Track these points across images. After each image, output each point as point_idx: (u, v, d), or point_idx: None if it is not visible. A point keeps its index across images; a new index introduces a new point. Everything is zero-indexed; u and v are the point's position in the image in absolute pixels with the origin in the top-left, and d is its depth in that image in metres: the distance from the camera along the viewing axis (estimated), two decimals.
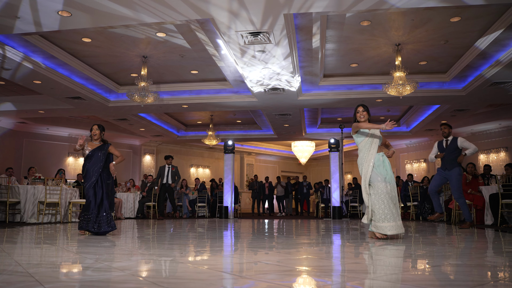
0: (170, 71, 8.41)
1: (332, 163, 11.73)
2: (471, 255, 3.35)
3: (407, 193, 10.51)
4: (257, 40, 5.95)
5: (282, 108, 10.08)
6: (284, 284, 2.04)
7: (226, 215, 11.58)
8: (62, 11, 5.11)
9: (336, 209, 11.21)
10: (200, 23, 5.61)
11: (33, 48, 6.81)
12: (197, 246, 3.90)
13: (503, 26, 5.94)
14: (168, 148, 16.28)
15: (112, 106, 9.80)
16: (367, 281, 2.13)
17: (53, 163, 13.10)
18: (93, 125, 5.13)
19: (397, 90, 6.94)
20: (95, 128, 5.08)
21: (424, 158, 15.00)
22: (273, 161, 19.88)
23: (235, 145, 12.78)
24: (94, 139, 5.06)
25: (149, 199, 11.19)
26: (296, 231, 6.15)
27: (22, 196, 7.77)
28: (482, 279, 2.23)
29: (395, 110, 11.70)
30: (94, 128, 5.08)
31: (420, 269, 2.61)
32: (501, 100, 9.28)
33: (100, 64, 8.01)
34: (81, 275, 2.39)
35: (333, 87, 8.80)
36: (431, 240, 4.64)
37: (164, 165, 10.98)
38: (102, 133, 5.12)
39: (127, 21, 5.37)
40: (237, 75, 7.89)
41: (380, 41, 6.81)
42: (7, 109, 10.30)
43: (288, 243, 4.20)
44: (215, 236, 5.24)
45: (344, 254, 3.38)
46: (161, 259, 2.90)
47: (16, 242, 4.25)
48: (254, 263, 2.80)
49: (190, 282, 2.11)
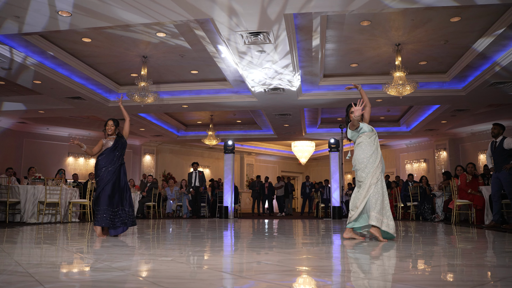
0: (170, 71, 8.40)
1: (332, 163, 11.74)
2: (471, 255, 3.34)
3: (407, 193, 10.50)
4: (257, 40, 5.95)
5: (282, 108, 10.08)
6: (284, 284, 2.04)
7: (226, 215, 11.57)
8: (62, 11, 5.11)
9: (336, 209, 11.21)
10: (200, 23, 5.61)
11: (33, 48, 6.81)
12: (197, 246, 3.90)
13: (503, 26, 5.94)
14: (168, 148, 16.28)
15: (112, 106, 9.80)
16: (367, 281, 2.13)
17: (53, 163, 13.10)
18: (108, 120, 5.01)
19: (397, 90, 6.94)
20: (110, 123, 4.96)
21: (424, 158, 15.01)
22: (273, 161, 19.88)
23: (235, 145, 12.78)
24: (109, 133, 4.93)
25: (149, 199, 11.19)
26: (296, 231, 6.15)
27: (22, 196, 7.77)
28: (482, 279, 2.23)
29: (395, 110, 11.70)
30: (110, 123, 4.96)
31: (420, 269, 2.61)
32: (501, 100, 9.27)
33: (100, 64, 8.01)
34: (81, 275, 2.39)
35: (333, 87, 8.80)
36: (431, 240, 4.64)
37: (191, 171, 12.03)
38: (117, 128, 5.03)
39: (127, 22, 5.37)
40: (237, 75, 7.89)
41: (380, 41, 6.80)
42: (8, 109, 10.30)
43: (288, 243, 4.19)
44: (215, 236, 5.24)
45: (344, 254, 3.37)
46: (161, 259, 2.90)
47: (16, 242, 4.25)
48: (254, 263, 2.80)
49: (190, 282, 2.11)
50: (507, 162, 6.19)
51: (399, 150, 16.06)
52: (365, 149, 4.31)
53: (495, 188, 6.32)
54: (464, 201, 7.71)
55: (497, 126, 6.43)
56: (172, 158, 16.51)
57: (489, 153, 6.52)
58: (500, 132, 6.37)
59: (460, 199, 7.77)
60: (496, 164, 6.27)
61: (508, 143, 6.17)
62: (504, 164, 6.16)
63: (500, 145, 6.24)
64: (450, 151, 13.83)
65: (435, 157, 14.39)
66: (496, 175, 6.29)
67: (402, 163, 15.91)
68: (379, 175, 4.20)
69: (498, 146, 6.28)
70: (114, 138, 4.92)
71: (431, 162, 14.69)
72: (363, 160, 4.28)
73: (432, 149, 14.59)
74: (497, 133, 6.37)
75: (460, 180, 8.09)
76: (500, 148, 6.23)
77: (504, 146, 6.19)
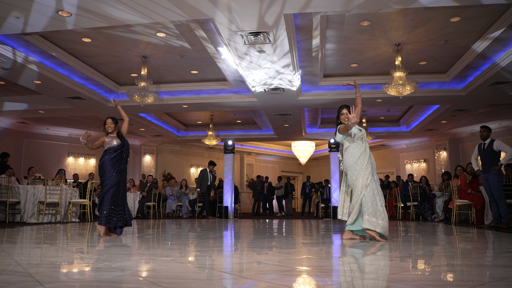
0: (170, 71, 8.41)
1: (332, 163, 11.74)
2: (471, 255, 3.35)
3: (407, 193, 10.50)
4: (257, 40, 5.95)
5: (282, 108, 10.08)
6: (284, 284, 2.04)
7: (226, 215, 11.58)
8: (62, 11, 5.11)
9: (336, 209, 11.20)
10: (200, 23, 5.61)
11: (33, 48, 6.81)
12: (197, 246, 3.90)
13: (503, 26, 5.94)
14: (168, 148, 16.28)
15: (112, 106, 9.80)
16: (367, 281, 2.13)
17: (53, 163, 13.10)
18: (106, 118, 5.06)
19: (397, 90, 6.94)
20: (109, 121, 5.01)
21: (424, 158, 15.01)
22: (273, 161, 19.88)
23: (235, 145, 12.78)
24: (109, 131, 4.99)
25: (149, 199, 11.19)
26: (296, 231, 6.15)
27: (22, 196, 7.77)
28: (482, 279, 2.23)
29: (395, 110, 11.70)
30: (108, 121, 5.01)
31: (420, 269, 2.61)
32: (501, 100, 9.27)
33: (100, 64, 8.01)
34: (81, 275, 2.39)
35: (333, 87, 8.80)
36: (431, 240, 4.64)
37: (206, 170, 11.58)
38: (117, 126, 5.06)
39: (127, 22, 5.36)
40: (237, 75, 7.89)
41: (380, 41, 6.80)
42: (8, 109, 10.30)
43: (288, 243, 4.19)
44: (215, 236, 5.24)
45: (344, 254, 3.37)
46: (161, 259, 2.90)
47: (16, 242, 4.25)
48: (254, 263, 2.80)
49: (190, 282, 2.11)
50: (496, 163, 6.33)
51: (399, 150, 16.06)
52: (353, 153, 4.31)
53: (488, 189, 6.44)
54: (464, 201, 7.71)
55: (486, 129, 6.60)
56: (172, 158, 16.51)
57: (475, 155, 6.65)
58: (488, 135, 6.52)
59: (460, 199, 7.77)
60: (484, 166, 6.37)
61: (497, 145, 6.31)
62: (492, 166, 6.29)
63: (489, 147, 6.38)
64: (450, 151, 13.83)
65: (435, 157, 14.39)
66: (485, 176, 6.41)
67: (402, 163, 15.91)
68: (368, 175, 4.20)
69: (487, 148, 6.43)
70: (117, 138, 4.96)
71: (431, 162, 14.69)
72: (352, 165, 4.28)
73: (432, 149, 14.59)
74: (486, 135, 6.53)
75: (460, 180, 8.10)
76: (489, 150, 6.36)
77: (494, 148, 6.34)
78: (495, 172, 6.25)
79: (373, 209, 4.11)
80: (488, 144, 6.42)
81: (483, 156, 6.50)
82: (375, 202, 4.13)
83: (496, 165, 6.32)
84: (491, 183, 6.32)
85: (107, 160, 4.81)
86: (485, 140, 6.51)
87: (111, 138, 4.94)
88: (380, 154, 16.57)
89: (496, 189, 6.28)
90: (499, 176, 6.32)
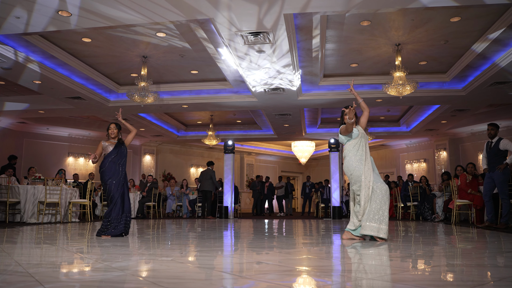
0: (170, 71, 8.41)
1: (332, 163, 11.74)
2: (471, 255, 3.35)
3: (407, 193, 10.50)
4: (257, 40, 5.95)
5: (282, 108, 10.08)
6: (284, 284, 2.04)
7: (226, 215, 11.58)
8: (62, 11, 5.11)
9: (336, 209, 11.21)
10: (200, 23, 5.61)
11: (33, 48, 6.81)
12: (197, 246, 3.90)
13: (503, 26, 5.94)
14: (168, 148, 16.29)
15: (112, 106, 9.80)
16: (367, 281, 2.13)
17: (53, 163, 13.10)
18: (110, 123, 5.06)
19: (397, 90, 6.94)
20: (112, 127, 5.01)
21: (424, 158, 15.01)
22: (273, 161, 19.88)
23: (235, 145, 12.78)
24: (112, 137, 4.99)
25: (149, 199, 11.19)
26: (296, 231, 6.15)
27: (22, 196, 7.77)
28: (482, 279, 2.23)
29: (395, 110, 11.70)
30: (112, 127, 5.01)
31: (420, 269, 2.61)
32: (501, 100, 9.27)
33: (100, 64, 8.01)
34: (81, 275, 2.39)
35: (333, 87, 8.80)
36: (431, 240, 4.64)
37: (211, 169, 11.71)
38: (120, 132, 5.07)
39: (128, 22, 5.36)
40: (237, 75, 7.89)
41: (380, 41, 6.80)
42: (8, 109, 10.30)
43: (288, 243, 4.19)
44: (215, 236, 5.24)
45: (344, 254, 3.37)
46: (161, 259, 2.90)
47: (16, 242, 4.25)
48: (254, 263, 2.80)
49: (190, 282, 2.11)
50: (501, 162, 6.28)
51: (399, 150, 16.06)
52: (352, 158, 4.31)
53: (487, 187, 6.42)
54: (464, 201, 7.71)
55: (493, 126, 6.49)
56: (172, 158, 16.51)
57: (484, 154, 6.57)
58: (496, 133, 6.43)
59: (460, 199, 7.77)
60: (490, 164, 6.33)
61: (504, 144, 6.23)
62: (498, 165, 6.24)
63: (496, 146, 6.31)
64: (450, 151, 13.83)
65: (435, 157, 14.39)
66: (490, 175, 6.37)
67: (402, 163, 15.91)
68: (370, 180, 4.19)
69: (493, 147, 6.35)
70: (115, 144, 4.95)
71: (431, 162, 14.69)
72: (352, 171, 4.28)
73: (432, 149, 14.59)
74: (494, 134, 6.44)
75: (460, 180, 8.10)
76: (495, 148, 6.29)
77: (500, 147, 6.26)
78: (500, 171, 6.19)
79: (379, 216, 4.11)
80: (495, 142, 6.32)
81: (489, 154, 6.41)
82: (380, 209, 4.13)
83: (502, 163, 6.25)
84: (497, 182, 6.24)
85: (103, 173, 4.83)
86: (493, 139, 6.40)
87: (108, 144, 4.94)
88: (380, 154, 16.57)
89: (502, 188, 6.20)
90: (505, 176, 6.23)
